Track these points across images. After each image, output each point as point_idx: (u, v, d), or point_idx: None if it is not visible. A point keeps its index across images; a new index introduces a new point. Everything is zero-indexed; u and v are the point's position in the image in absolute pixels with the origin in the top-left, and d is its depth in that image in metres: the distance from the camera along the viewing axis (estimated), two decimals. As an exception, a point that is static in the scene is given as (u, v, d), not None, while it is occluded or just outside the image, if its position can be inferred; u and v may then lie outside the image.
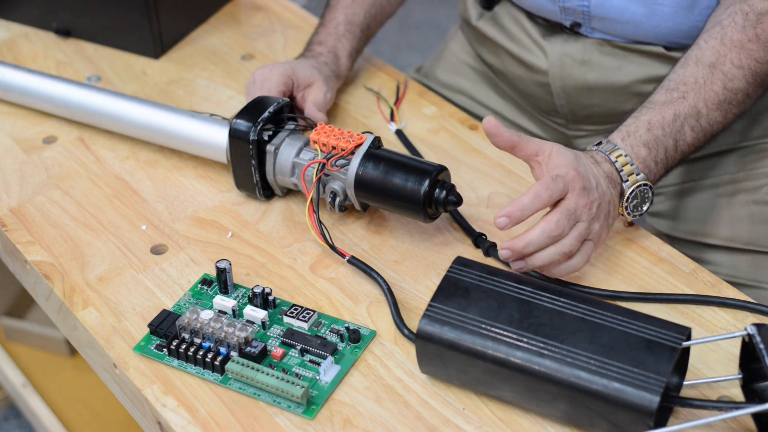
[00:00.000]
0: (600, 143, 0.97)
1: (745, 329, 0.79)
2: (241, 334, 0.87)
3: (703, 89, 0.97)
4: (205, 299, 0.94)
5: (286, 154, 1.02)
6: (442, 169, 0.96)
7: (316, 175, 0.98)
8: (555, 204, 0.89)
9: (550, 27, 1.19)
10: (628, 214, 0.95)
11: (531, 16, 1.21)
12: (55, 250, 1.00)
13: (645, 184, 0.95)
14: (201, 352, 0.87)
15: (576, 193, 0.89)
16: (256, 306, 0.92)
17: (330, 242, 0.96)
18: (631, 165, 0.94)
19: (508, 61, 1.25)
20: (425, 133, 1.15)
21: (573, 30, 1.16)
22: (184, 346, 0.87)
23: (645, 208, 0.96)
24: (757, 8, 0.98)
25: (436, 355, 0.82)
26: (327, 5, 1.22)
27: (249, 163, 1.02)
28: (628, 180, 0.94)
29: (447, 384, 0.85)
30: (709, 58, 0.98)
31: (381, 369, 0.87)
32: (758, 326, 0.78)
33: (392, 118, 1.18)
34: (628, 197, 0.94)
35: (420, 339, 0.82)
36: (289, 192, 1.06)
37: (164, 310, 0.92)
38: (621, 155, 0.94)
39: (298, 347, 0.88)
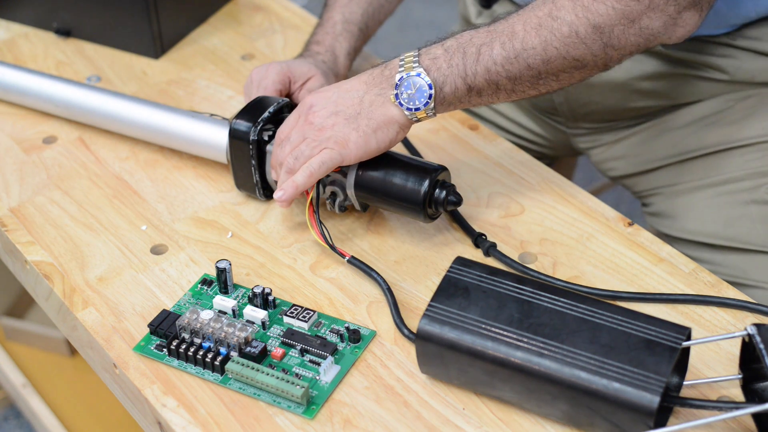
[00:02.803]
0: None
1: (745, 329, 0.79)
2: (241, 334, 0.87)
3: (525, 13, 0.94)
4: (205, 299, 0.94)
5: (286, 154, 1.02)
6: (442, 169, 0.96)
7: (316, 175, 0.98)
8: None
9: None
10: (401, 105, 0.93)
11: (530, 14, 1.21)
12: (55, 250, 1.00)
13: (419, 75, 0.92)
14: (201, 352, 0.87)
15: (302, 119, 0.96)
16: (256, 306, 0.92)
17: (330, 242, 0.96)
18: (414, 59, 0.94)
19: (506, 60, 1.25)
20: (425, 133, 1.15)
21: None
22: (184, 346, 0.87)
23: (421, 104, 0.93)
24: None
25: (436, 355, 0.82)
26: (325, 5, 1.21)
27: (249, 163, 1.02)
28: (402, 68, 0.93)
29: (447, 384, 0.85)
30: None
31: (381, 369, 0.87)
32: (758, 326, 0.78)
33: (392, 118, 1.17)
34: (397, 84, 0.93)
35: (420, 339, 0.82)
36: (289, 192, 1.06)
37: (164, 310, 0.92)
38: (411, 54, 0.94)
39: (298, 347, 0.88)
